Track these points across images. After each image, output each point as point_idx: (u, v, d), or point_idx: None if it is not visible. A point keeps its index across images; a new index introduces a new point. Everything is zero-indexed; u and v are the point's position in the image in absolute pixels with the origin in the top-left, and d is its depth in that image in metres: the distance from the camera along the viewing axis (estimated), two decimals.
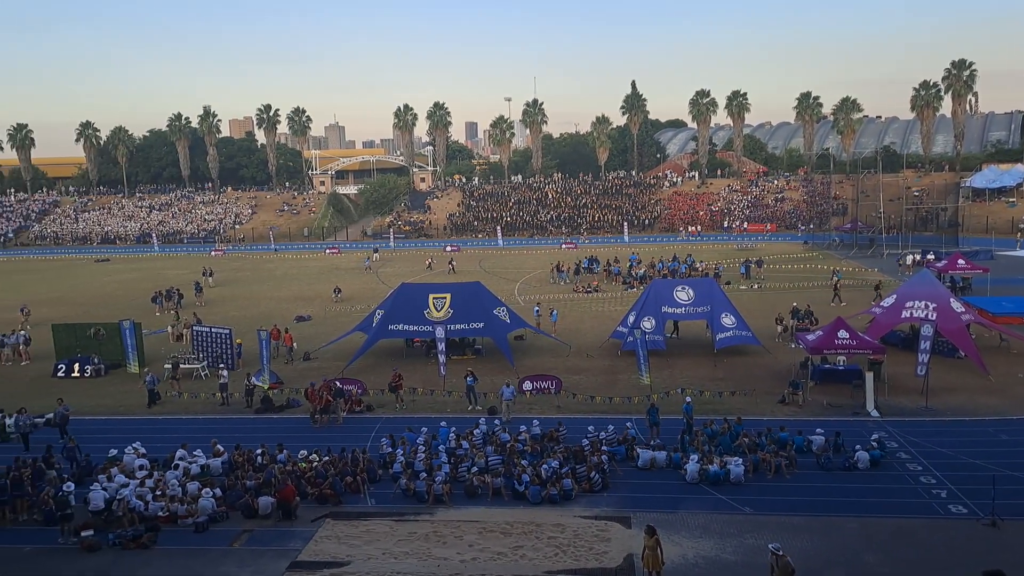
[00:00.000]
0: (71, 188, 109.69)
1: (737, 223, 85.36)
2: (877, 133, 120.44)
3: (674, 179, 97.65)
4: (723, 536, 17.73)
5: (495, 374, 30.66)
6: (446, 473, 20.87)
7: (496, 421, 25.34)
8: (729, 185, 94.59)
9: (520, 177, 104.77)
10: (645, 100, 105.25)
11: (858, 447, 21.72)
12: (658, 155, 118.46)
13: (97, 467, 22.06)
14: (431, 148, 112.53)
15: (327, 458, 22.00)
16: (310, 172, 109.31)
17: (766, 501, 19.51)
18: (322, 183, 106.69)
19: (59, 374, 33.44)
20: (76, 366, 33.52)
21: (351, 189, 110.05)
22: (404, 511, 19.65)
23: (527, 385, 29.04)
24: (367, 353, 33.22)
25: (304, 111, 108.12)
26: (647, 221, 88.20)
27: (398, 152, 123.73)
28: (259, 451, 22.66)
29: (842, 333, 28.23)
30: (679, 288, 35.12)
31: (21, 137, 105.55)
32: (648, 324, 32.89)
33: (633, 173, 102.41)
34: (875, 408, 25.89)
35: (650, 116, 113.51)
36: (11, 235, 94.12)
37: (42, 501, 19.51)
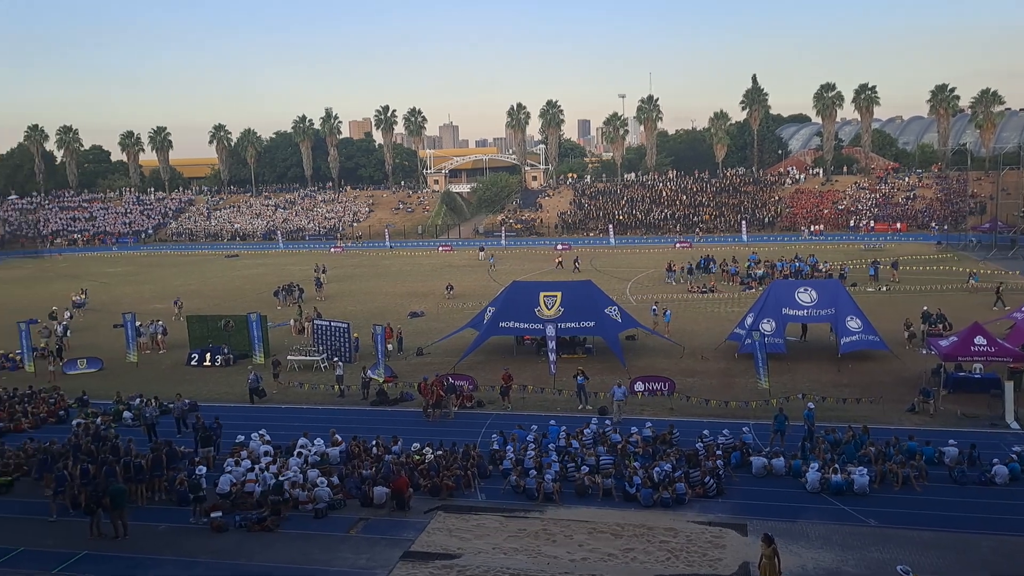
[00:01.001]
0: (204, 188, 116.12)
1: (864, 222, 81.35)
2: (1020, 127, 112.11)
3: (796, 176, 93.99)
4: (845, 548, 16.88)
5: (606, 374, 30.35)
6: (556, 471, 20.80)
7: (607, 421, 25.05)
8: (856, 182, 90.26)
9: (633, 175, 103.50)
10: (766, 94, 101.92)
11: (996, 460, 20.27)
12: (779, 151, 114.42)
13: (213, 446, 23.20)
14: (543, 146, 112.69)
15: (439, 452, 22.34)
16: (424, 171, 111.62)
17: (893, 514, 18.44)
18: (436, 182, 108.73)
19: (192, 363, 35.39)
20: (208, 355, 35.40)
21: (464, 188, 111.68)
22: (514, 507, 19.70)
23: (639, 386, 28.59)
24: (478, 350, 33.55)
25: (420, 111, 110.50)
26: (767, 220, 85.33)
27: (510, 151, 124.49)
28: (374, 442, 23.25)
29: (979, 339, 26.43)
30: (801, 289, 33.76)
31: (160, 140, 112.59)
32: (767, 326, 31.76)
33: (752, 170, 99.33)
34: (1015, 420, 24.08)
35: (771, 111, 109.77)
36: (151, 231, 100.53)
37: (176, 483, 20.69)
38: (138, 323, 37.08)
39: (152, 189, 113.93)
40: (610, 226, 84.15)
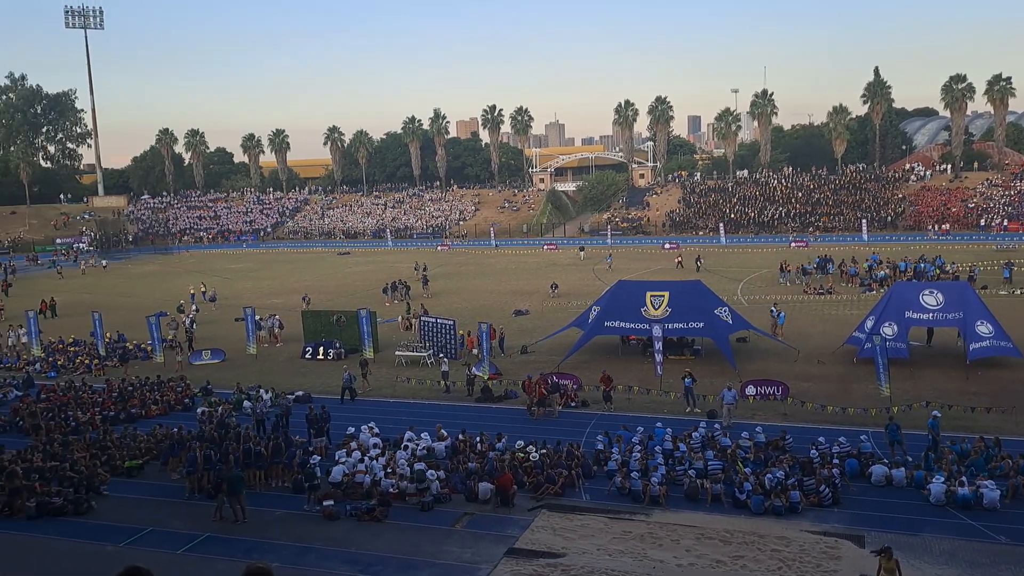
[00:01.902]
0: (319, 187, 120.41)
1: (996, 221, 76.27)
2: None
3: (922, 172, 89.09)
4: (973, 566, 15.84)
5: (715, 376, 29.58)
6: (662, 474, 20.44)
7: (716, 425, 24.40)
8: (988, 179, 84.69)
9: (746, 172, 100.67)
10: (889, 87, 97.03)
11: None
12: (903, 147, 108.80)
13: (325, 436, 23.91)
14: (651, 143, 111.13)
15: (543, 451, 22.32)
16: (530, 170, 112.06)
17: None
18: (541, 180, 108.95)
19: (306, 356, 36.70)
20: (321, 349, 36.63)
21: (569, 186, 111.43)
22: (619, 509, 19.45)
23: (750, 389, 27.71)
24: (583, 349, 33.35)
25: (526, 110, 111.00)
26: (889, 218, 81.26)
27: (617, 148, 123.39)
28: (478, 438, 23.46)
29: None
30: (926, 291, 31.95)
31: (279, 142, 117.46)
32: (889, 330, 30.19)
33: (874, 166, 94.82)
34: None
35: (894, 104, 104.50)
36: (269, 229, 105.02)
37: (291, 470, 21.47)
38: (257, 317, 38.75)
39: (271, 189, 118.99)
40: (720, 225, 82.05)
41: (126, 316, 45.42)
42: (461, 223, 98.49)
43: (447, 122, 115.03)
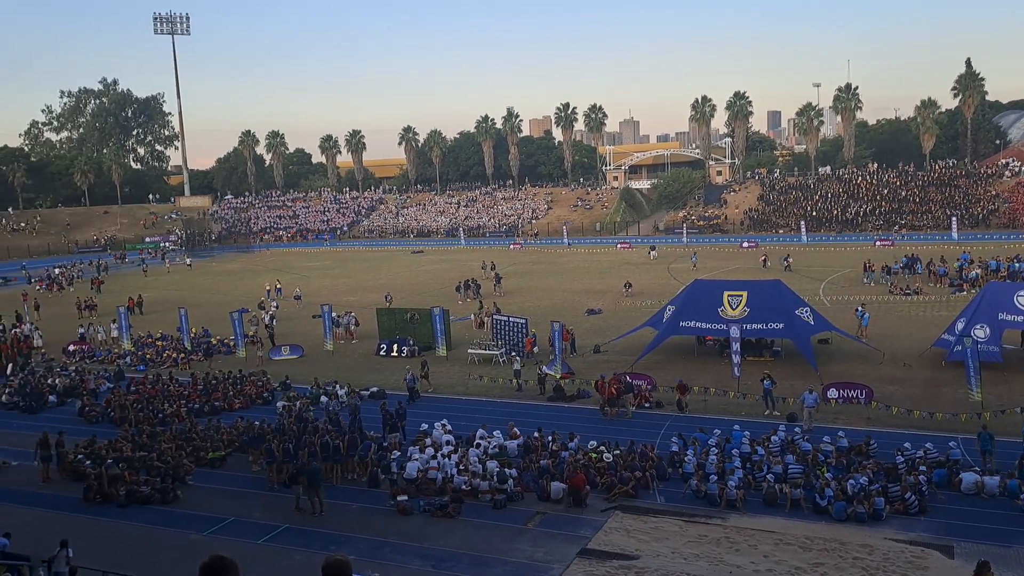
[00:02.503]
0: (393, 187, 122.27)
1: None
2: None
3: (1017, 168, 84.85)
4: None
5: (795, 379, 28.74)
6: (739, 478, 19.97)
7: (796, 429, 23.70)
8: None
9: (828, 168, 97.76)
10: (982, 79, 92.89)
11: None
12: (997, 141, 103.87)
13: (399, 432, 24.17)
14: (729, 140, 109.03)
15: (617, 451, 22.09)
16: (604, 168, 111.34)
17: None
18: (615, 178, 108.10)
19: (380, 353, 37.24)
20: (395, 346, 37.12)
21: (644, 184, 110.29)
22: (694, 512, 19.09)
23: (832, 392, 26.82)
24: (657, 349, 32.89)
25: (600, 108, 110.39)
26: (981, 216, 77.68)
27: (693, 145, 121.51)
28: (550, 437, 23.37)
29: None
30: (1021, 292, 30.37)
31: (355, 142, 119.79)
32: (981, 332, 28.79)
33: (965, 161, 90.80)
34: None
35: (988, 97, 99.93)
36: (345, 228, 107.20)
37: (367, 465, 21.80)
38: (334, 314, 39.53)
39: (347, 189, 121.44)
40: (802, 222, 79.81)
41: (210, 312, 46.96)
42: (534, 221, 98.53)
43: (520, 120, 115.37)
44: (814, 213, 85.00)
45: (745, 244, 73.78)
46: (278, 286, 55.83)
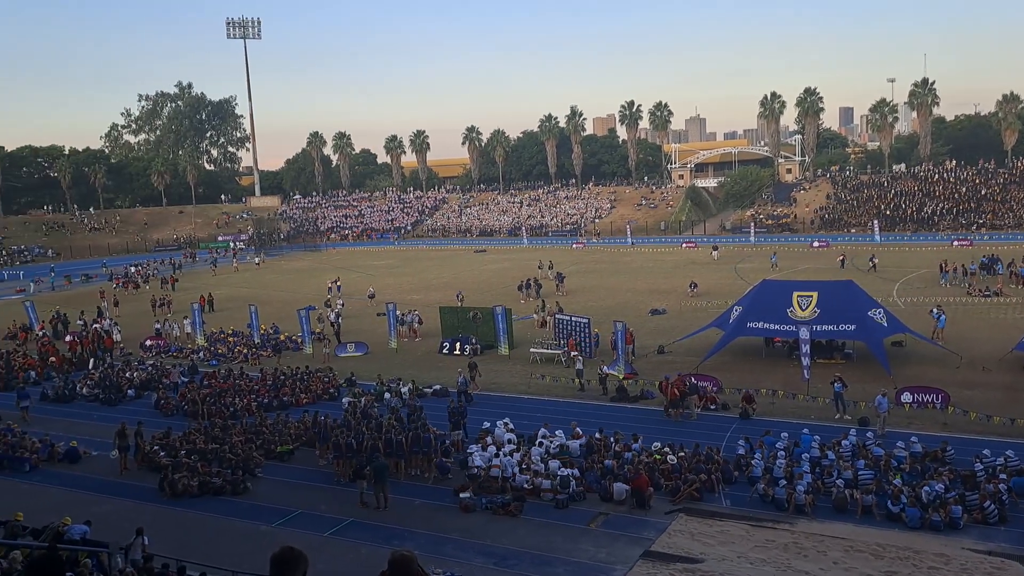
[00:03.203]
0: (456, 186, 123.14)
1: None
2: None
3: None
4: None
5: (867, 382, 27.86)
6: (808, 483, 19.48)
7: (868, 433, 22.98)
8: None
9: (903, 165, 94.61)
10: None
11: None
12: None
13: (461, 429, 24.29)
14: (799, 137, 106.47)
15: (681, 453, 21.80)
16: (669, 166, 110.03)
17: None
18: (681, 177, 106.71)
19: (443, 351, 37.51)
20: (457, 345, 37.35)
21: (710, 182, 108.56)
22: (761, 517, 18.69)
23: (906, 396, 25.95)
24: (723, 350, 32.33)
25: (665, 105, 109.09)
26: None
27: (762, 142, 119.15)
28: (613, 438, 23.18)
29: None
30: None
31: (419, 142, 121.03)
32: None
33: None
34: None
35: None
36: (409, 227, 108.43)
37: (430, 461, 21.98)
38: (398, 313, 40.01)
39: (411, 188, 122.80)
40: (875, 221, 77.43)
41: (279, 309, 48.05)
42: (597, 221, 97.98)
43: (584, 119, 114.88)
44: (888, 212, 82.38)
45: (816, 244, 71.95)
46: (338, 284, 56.85)
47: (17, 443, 25.27)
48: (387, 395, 29.23)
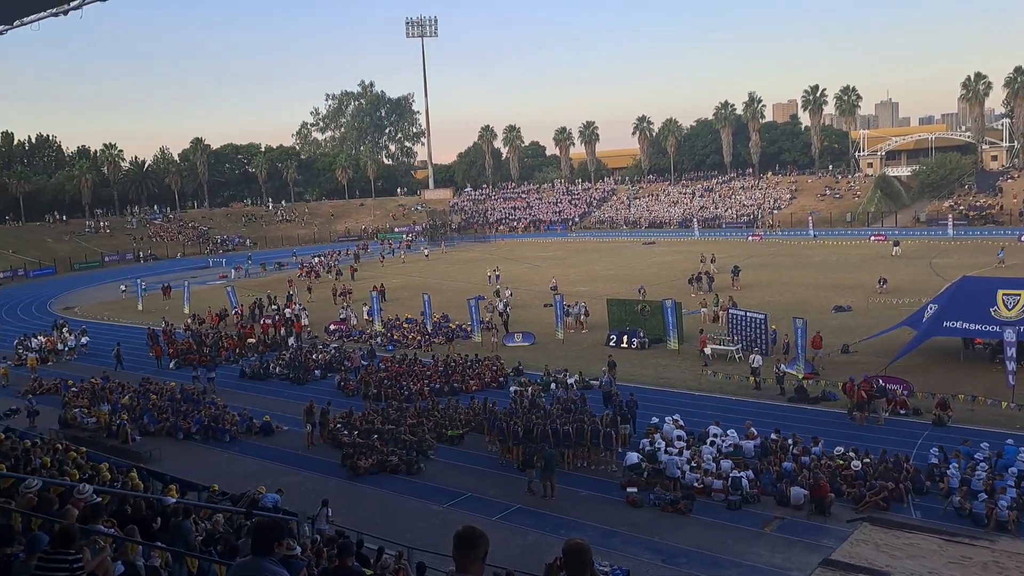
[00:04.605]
0: (625, 177, 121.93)
1: None
2: None
3: None
4: None
5: None
6: (1012, 498, 17.68)
7: None
8: None
9: None
10: None
11: None
12: None
13: (630, 424, 23.93)
14: (1007, 120, 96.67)
15: (866, 459, 20.41)
16: (856, 154, 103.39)
17: None
18: (869, 165, 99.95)
19: (610, 343, 37.21)
20: (624, 338, 36.93)
21: (903, 171, 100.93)
22: (956, 531, 17.05)
23: None
24: (915, 351, 29.93)
25: (853, 89, 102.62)
26: None
27: (963, 127, 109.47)
28: (791, 440, 22.06)
29: None
30: None
31: (588, 133, 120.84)
32: None
33: None
34: None
35: None
36: (577, 219, 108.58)
37: (597, 453, 21.88)
38: (565, 304, 40.13)
39: (579, 180, 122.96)
40: None
41: (450, 298, 49.57)
42: (775, 212, 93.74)
43: (762, 106, 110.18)
44: None
45: None
46: (497, 274, 58.04)
47: (220, 416, 27.69)
48: (553, 385, 29.39)
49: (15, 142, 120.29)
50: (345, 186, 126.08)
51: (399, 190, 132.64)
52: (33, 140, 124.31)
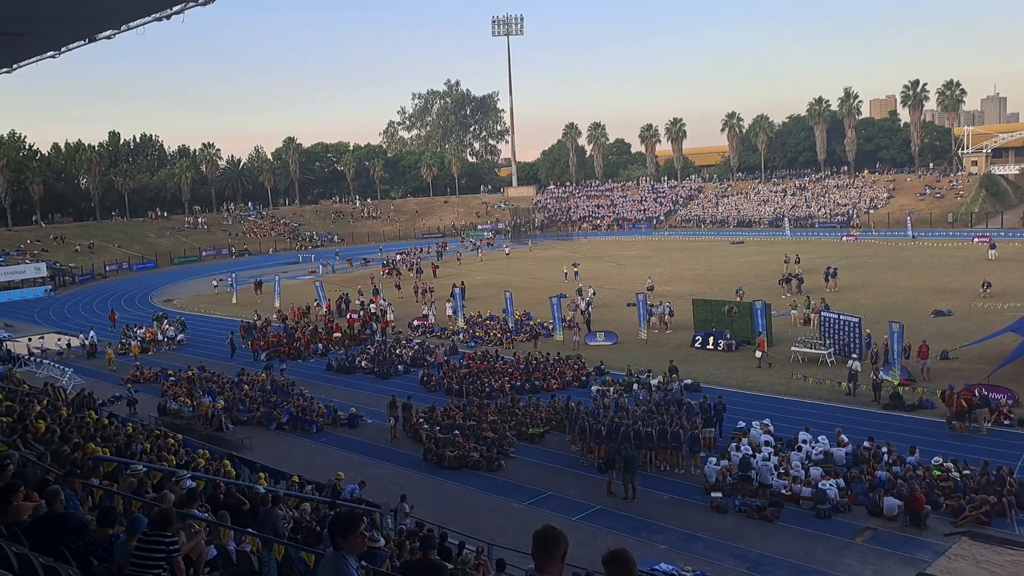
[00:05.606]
0: (713, 175, 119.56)
1: None
2: None
3: None
4: None
5: None
6: None
7: None
8: None
9: None
10: None
11: None
12: None
13: (715, 427, 23.40)
14: None
15: (966, 471, 19.42)
16: (960, 151, 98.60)
17: None
18: (974, 163, 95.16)
19: (695, 345, 36.53)
20: (711, 339, 36.19)
21: (1011, 169, 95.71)
22: None
23: None
24: (1020, 359, 28.31)
25: (957, 83, 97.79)
26: None
27: None
28: (885, 448, 21.20)
29: None
30: None
31: (675, 130, 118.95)
32: None
33: None
34: None
35: None
36: (662, 217, 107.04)
37: (680, 456, 21.52)
38: (648, 303, 39.59)
39: (665, 178, 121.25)
40: None
41: (532, 296, 49.60)
42: (871, 211, 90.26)
43: (859, 101, 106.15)
44: None
45: None
46: (576, 270, 57.56)
47: (308, 407, 28.47)
48: (635, 386, 29.03)
49: (121, 141, 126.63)
50: (430, 184, 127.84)
51: (483, 188, 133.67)
52: (138, 139, 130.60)
